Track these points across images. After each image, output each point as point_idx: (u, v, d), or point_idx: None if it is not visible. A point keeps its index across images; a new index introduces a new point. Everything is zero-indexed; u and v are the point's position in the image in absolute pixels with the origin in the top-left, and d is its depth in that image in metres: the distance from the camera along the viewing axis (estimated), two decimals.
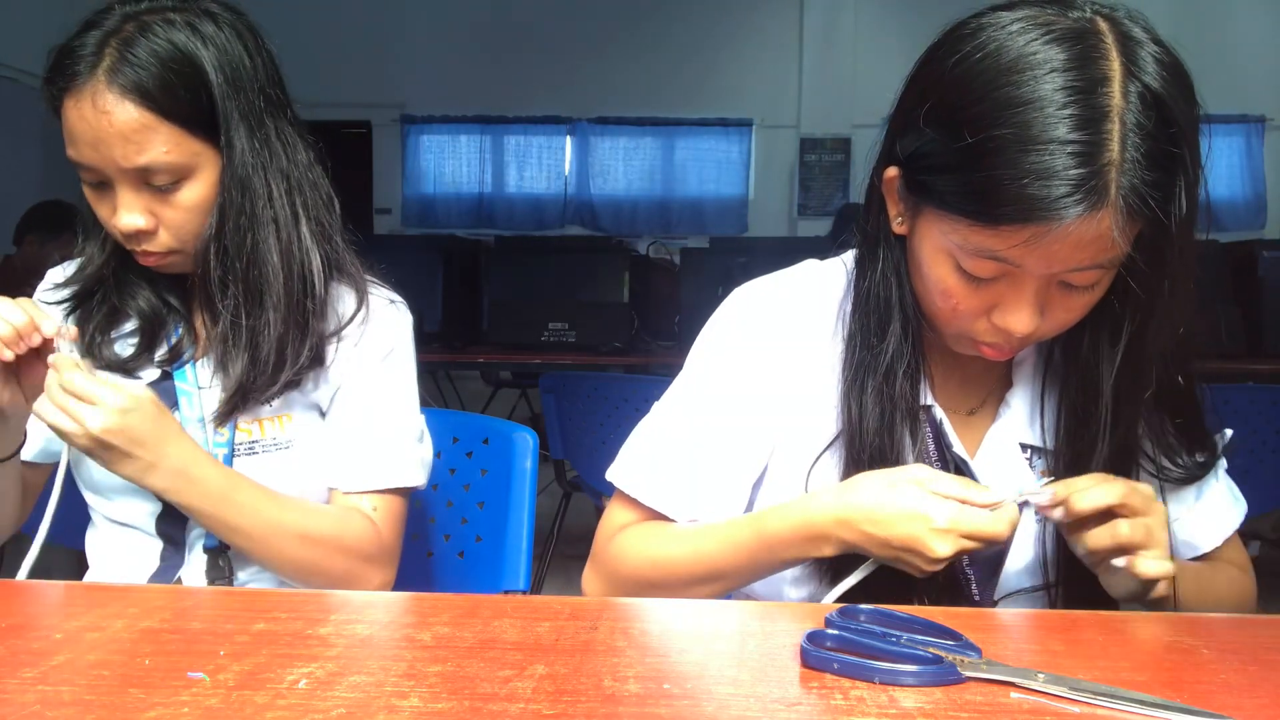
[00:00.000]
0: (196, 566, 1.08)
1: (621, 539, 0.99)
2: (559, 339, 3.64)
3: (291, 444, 1.09)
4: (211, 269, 1.03)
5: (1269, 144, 7.60)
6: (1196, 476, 0.96)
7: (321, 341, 1.07)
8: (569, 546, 3.37)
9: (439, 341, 3.65)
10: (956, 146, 0.79)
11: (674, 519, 0.98)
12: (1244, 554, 1.05)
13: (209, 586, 1.06)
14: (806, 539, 0.88)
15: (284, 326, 1.04)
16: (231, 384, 1.04)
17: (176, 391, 1.07)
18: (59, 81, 0.97)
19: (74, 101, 0.96)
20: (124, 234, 1.01)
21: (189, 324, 1.11)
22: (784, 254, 1.12)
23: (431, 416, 1.19)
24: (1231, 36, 7.15)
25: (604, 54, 7.82)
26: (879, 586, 0.87)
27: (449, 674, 0.62)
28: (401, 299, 1.15)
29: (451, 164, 8.21)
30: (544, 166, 8.19)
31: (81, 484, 1.10)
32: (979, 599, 0.95)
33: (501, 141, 8.19)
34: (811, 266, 1.03)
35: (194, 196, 1.01)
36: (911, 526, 0.81)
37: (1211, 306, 3.32)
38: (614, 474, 1.01)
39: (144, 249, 1.03)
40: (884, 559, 0.85)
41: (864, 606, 0.74)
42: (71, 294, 1.10)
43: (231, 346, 1.04)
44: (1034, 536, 0.95)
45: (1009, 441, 0.97)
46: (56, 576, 0.87)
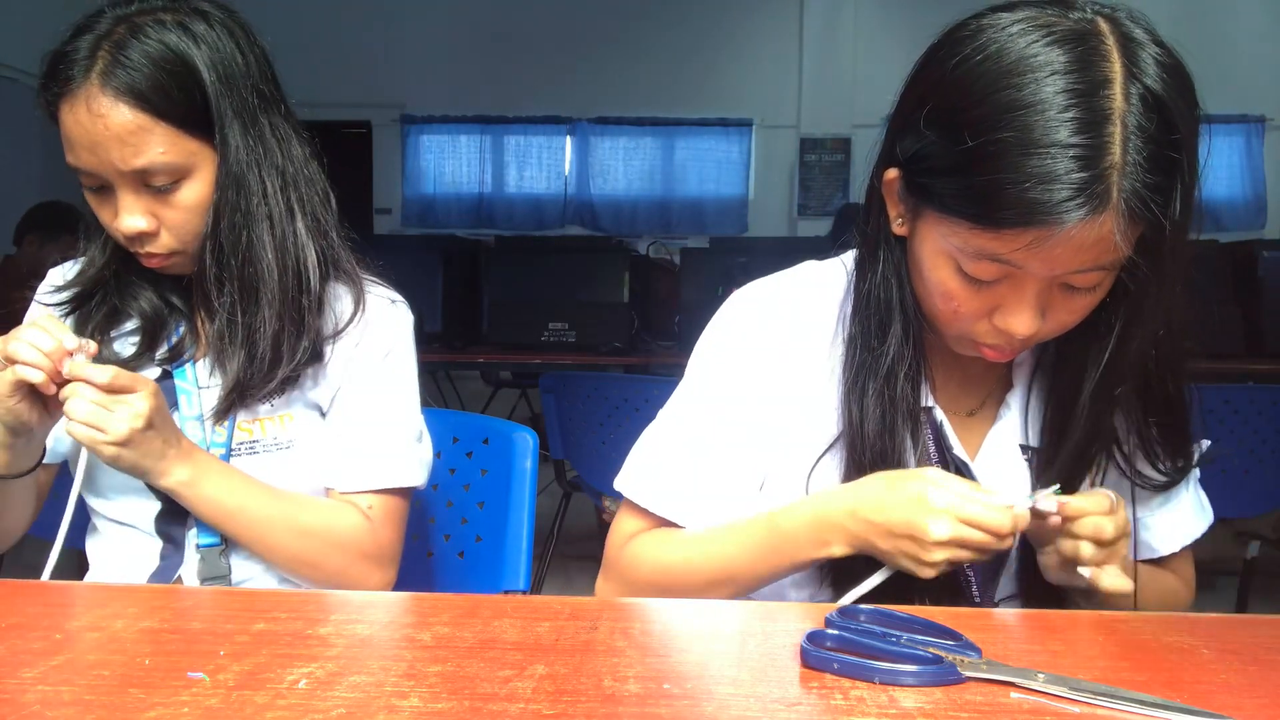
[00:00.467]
0: (195, 565, 1.08)
1: (633, 546, 0.99)
2: (559, 339, 3.64)
3: (292, 444, 1.09)
4: (208, 267, 1.03)
5: (1269, 144, 7.61)
6: (1173, 483, 0.96)
7: (319, 338, 1.07)
8: (569, 546, 3.37)
9: (439, 341, 3.65)
10: (957, 149, 0.79)
11: (682, 525, 0.99)
12: (1190, 568, 1.04)
13: (208, 586, 1.06)
14: (817, 535, 0.88)
15: (279, 323, 1.04)
16: (229, 381, 1.04)
17: (176, 390, 1.08)
18: (53, 87, 0.97)
19: (69, 107, 0.97)
20: (126, 237, 1.01)
21: (191, 323, 1.11)
22: (784, 254, 1.12)
23: (431, 416, 1.19)
24: (1231, 36, 7.15)
25: (604, 54, 7.82)
26: (879, 587, 0.87)
27: (449, 674, 0.62)
28: (402, 298, 1.15)
29: (451, 164, 8.21)
30: (544, 166, 8.20)
31: (82, 485, 1.10)
32: (979, 600, 0.95)
33: (501, 141, 8.19)
34: (811, 268, 1.02)
35: (193, 196, 1.01)
36: (909, 510, 0.82)
37: (1211, 306, 3.32)
38: (621, 483, 1.01)
39: (147, 250, 1.03)
40: (887, 555, 0.85)
41: (864, 606, 0.74)
42: (72, 295, 1.10)
43: (228, 344, 1.04)
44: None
45: (1009, 443, 0.97)
46: (56, 576, 0.87)
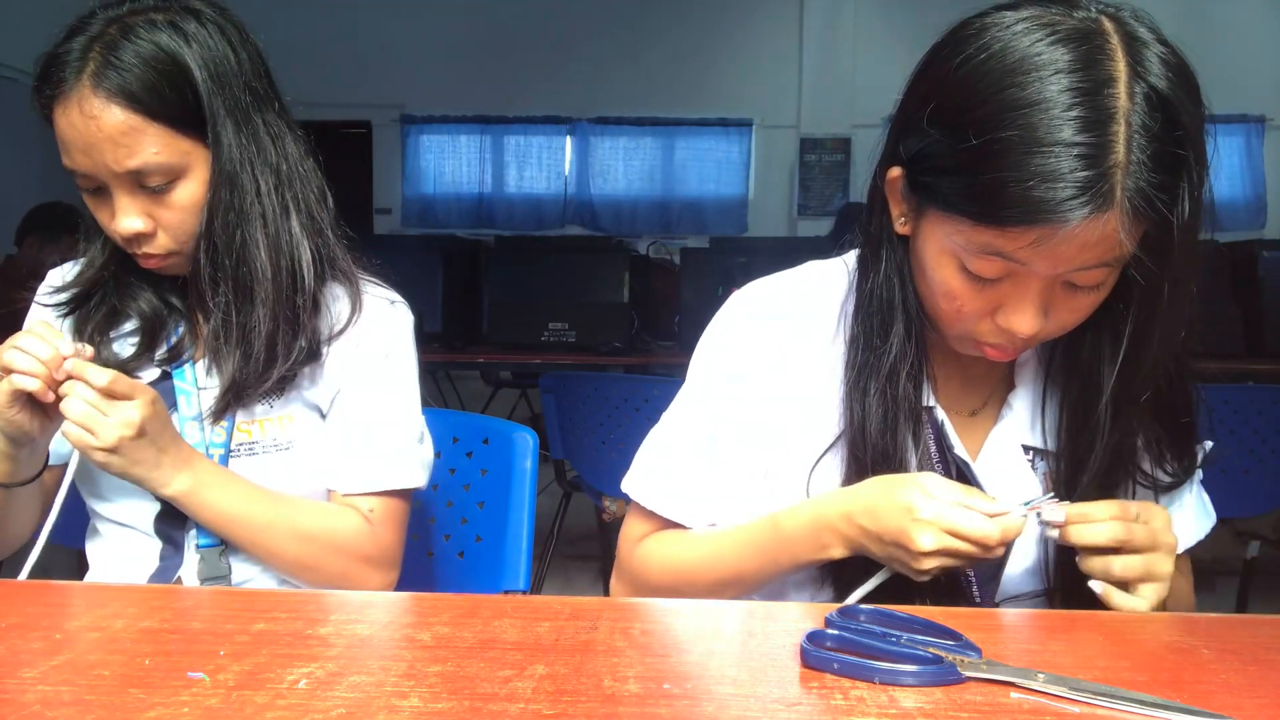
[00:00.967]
0: (195, 566, 1.08)
1: (643, 548, 1.01)
2: (559, 339, 3.64)
3: (292, 445, 1.08)
4: (202, 267, 1.03)
5: (1269, 144, 7.61)
6: (1179, 484, 0.96)
7: (315, 338, 1.07)
8: (569, 546, 3.37)
9: (439, 341, 3.65)
10: (961, 148, 0.79)
11: (689, 527, 0.99)
12: (1189, 573, 1.03)
13: (208, 586, 1.06)
14: (816, 537, 0.88)
15: (274, 322, 1.03)
16: (225, 381, 1.04)
17: (175, 391, 1.07)
18: (47, 90, 0.97)
19: (63, 109, 0.97)
20: (124, 238, 1.01)
21: (190, 324, 1.11)
22: (784, 254, 1.12)
23: (431, 416, 1.19)
24: (1232, 36, 7.15)
25: (604, 54, 7.82)
26: (880, 587, 0.88)
27: (449, 674, 0.62)
28: (402, 299, 1.15)
29: (451, 164, 8.21)
30: (544, 166, 8.20)
31: (81, 486, 1.10)
32: (979, 601, 0.95)
33: (501, 141, 8.19)
34: (812, 268, 1.02)
35: (188, 196, 1.01)
36: (898, 518, 0.82)
37: (1211, 306, 3.32)
38: (628, 485, 1.02)
39: (144, 251, 1.03)
40: (882, 558, 0.85)
41: (864, 606, 0.74)
42: (71, 296, 1.10)
43: (224, 344, 1.04)
44: (1035, 540, 0.94)
45: (1011, 443, 0.97)
46: (56, 576, 0.87)
